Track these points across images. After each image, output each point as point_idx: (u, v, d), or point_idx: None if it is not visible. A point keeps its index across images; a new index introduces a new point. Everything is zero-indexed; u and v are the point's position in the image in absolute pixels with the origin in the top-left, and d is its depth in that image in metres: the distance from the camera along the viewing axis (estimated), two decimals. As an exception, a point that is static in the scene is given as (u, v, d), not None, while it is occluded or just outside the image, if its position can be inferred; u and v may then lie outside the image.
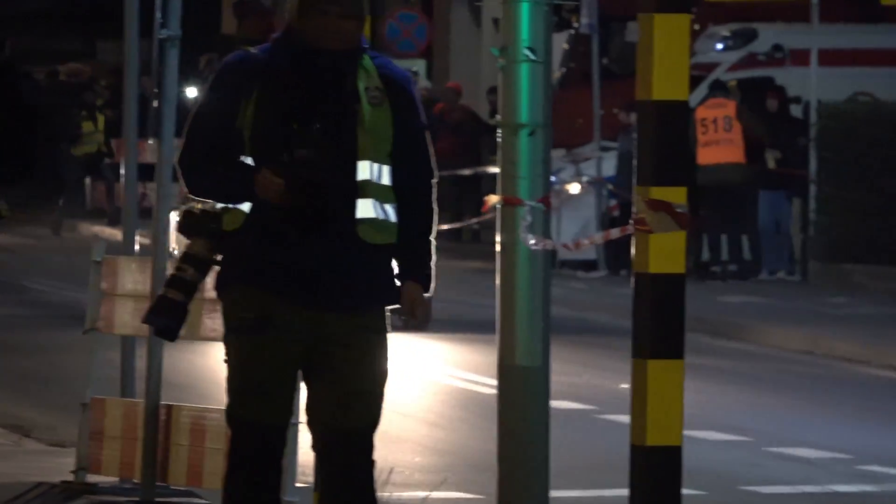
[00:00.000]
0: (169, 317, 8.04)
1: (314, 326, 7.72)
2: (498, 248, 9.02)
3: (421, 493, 12.15)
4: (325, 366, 7.76)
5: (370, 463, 7.80)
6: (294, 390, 7.96)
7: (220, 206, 8.11)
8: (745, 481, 13.61)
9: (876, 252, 32.03)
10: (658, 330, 8.14)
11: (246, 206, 7.98)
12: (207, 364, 19.32)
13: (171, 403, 11.69)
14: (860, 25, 35.49)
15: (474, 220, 37.97)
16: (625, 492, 8.28)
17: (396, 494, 11.62)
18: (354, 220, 7.87)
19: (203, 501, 11.78)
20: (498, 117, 9.38)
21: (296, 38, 7.91)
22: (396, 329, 8.99)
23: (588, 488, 13.19)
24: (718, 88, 31.90)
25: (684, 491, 8.42)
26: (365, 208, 7.87)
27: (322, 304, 7.76)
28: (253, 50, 8.14)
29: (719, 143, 32.11)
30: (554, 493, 9.48)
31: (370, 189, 7.88)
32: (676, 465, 8.14)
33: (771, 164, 31.65)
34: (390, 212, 7.92)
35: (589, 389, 17.98)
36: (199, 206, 8.00)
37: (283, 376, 7.74)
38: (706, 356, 21.84)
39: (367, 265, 7.79)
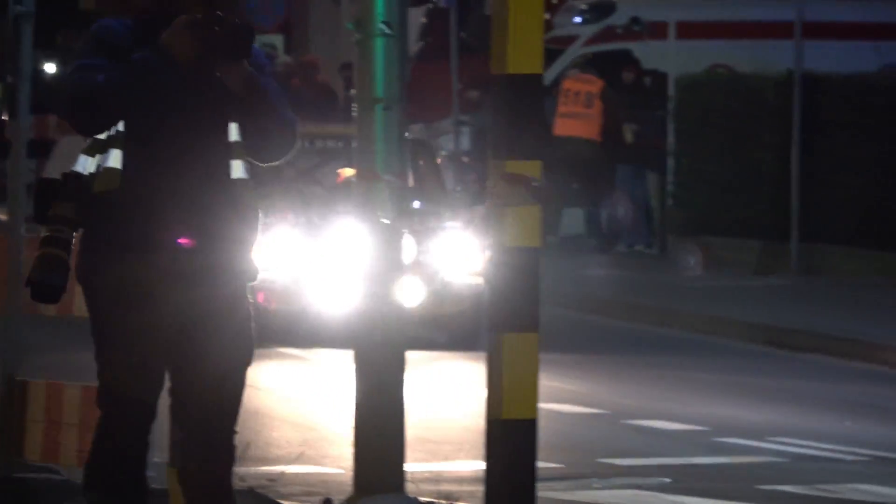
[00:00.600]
0: (59, 274, 7.74)
1: (189, 299, 7.58)
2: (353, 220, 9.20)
3: (277, 468, 12.08)
4: (197, 340, 7.69)
5: (232, 438, 7.80)
6: (166, 365, 7.85)
7: (90, 170, 7.73)
8: (602, 453, 13.70)
9: (734, 225, 31.83)
10: (513, 303, 8.19)
11: (119, 164, 7.67)
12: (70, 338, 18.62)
13: (26, 379, 11.49)
14: None
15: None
16: (482, 464, 8.48)
17: (253, 469, 11.54)
18: (232, 180, 7.81)
19: (61, 477, 11.52)
20: (353, 91, 9.52)
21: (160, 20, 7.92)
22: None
23: (444, 460, 13.12)
24: (591, 65, 32.33)
25: (541, 463, 8.65)
26: (237, 169, 7.74)
27: (197, 277, 7.61)
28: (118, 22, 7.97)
29: (577, 117, 32.42)
30: (409, 467, 9.68)
31: (238, 151, 7.79)
32: (532, 438, 8.22)
33: (628, 137, 32.08)
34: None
35: (449, 363, 18.03)
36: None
37: (161, 352, 7.64)
38: (565, 330, 21.79)
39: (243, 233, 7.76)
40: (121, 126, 7.46)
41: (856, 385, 21.11)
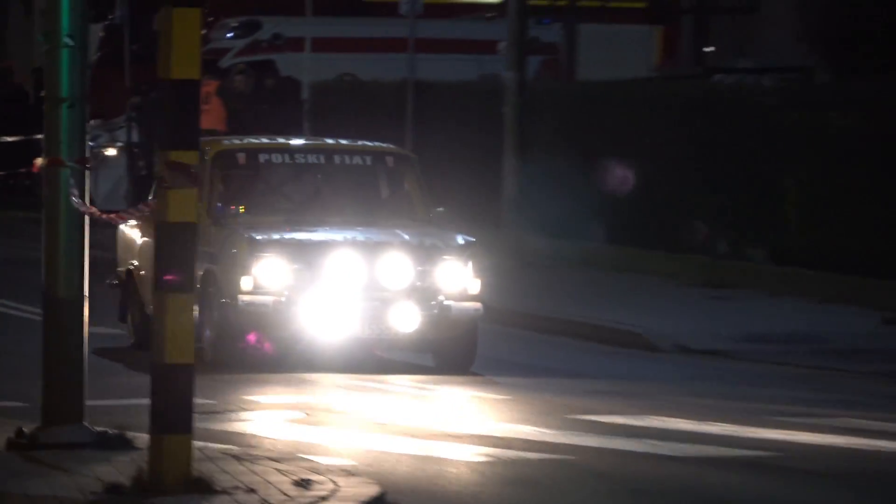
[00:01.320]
0: None
1: None
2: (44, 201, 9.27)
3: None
4: None
5: None
6: None
7: None
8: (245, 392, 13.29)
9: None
10: (172, 268, 8.27)
11: None
12: None
13: None
14: (347, 18, 37.05)
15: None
16: (148, 400, 8.40)
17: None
18: None
19: None
20: (43, 92, 9.57)
21: None
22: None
23: (120, 398, 12.69)
24: (243, 73, 33.00)
25: (197, 400, 8.65)
26: None
27: None
28: None
29: (204, 113, 31.75)
30: (90, 402, 9.59)
31: None
32: (188, 378, 8.36)
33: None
34: None
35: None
36: None
37: None
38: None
39: None
40: None
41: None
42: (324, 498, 8.38)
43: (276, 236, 14.33)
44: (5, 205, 38.62)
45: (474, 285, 14.41)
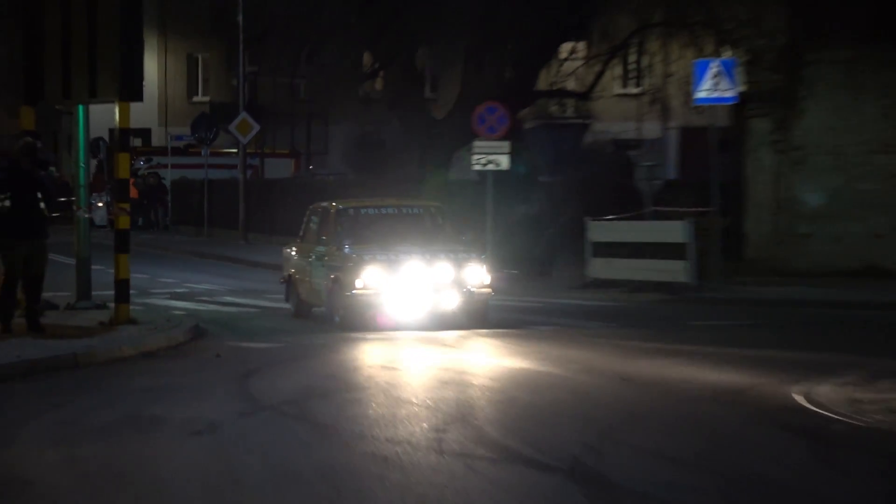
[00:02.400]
0: None
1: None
2: None
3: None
4: (31, 259, 15.17)
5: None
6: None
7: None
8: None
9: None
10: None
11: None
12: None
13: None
14: (182, 157, 46.56)
15: None
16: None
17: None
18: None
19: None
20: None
21: None
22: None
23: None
24: None
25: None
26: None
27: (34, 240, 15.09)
28: None
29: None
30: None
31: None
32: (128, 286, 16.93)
33: None
34: None
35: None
36: None
37: (21, 262, 15.17)
38: None
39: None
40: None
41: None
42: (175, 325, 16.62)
43: (372, 255, 18.11)
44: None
45: (487, 279, 18.47)
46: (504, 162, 26.82)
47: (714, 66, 25.69)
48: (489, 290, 18.58)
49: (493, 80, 31.48)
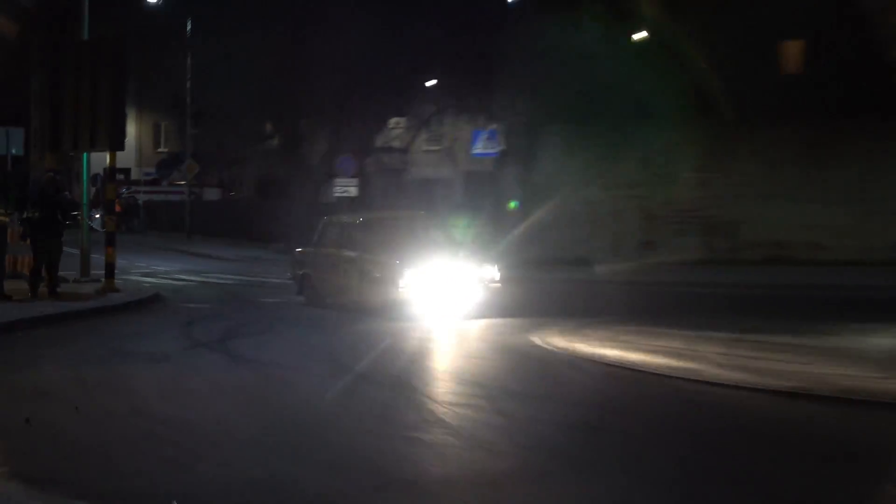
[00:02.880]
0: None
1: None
2: None
3: None
4: (52, 245, 13.99)
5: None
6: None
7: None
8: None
9: None
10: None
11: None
12: None
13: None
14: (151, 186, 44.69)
15: None
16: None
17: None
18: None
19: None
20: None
21: None
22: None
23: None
24: None
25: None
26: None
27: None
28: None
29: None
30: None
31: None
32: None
33: None
34: None
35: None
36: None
37: (44, 251, 14.00)
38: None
39: None
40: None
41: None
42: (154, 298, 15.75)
43: (412, 260, 14.02)
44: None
45: (497, 275, 14.39)
46: (353, 191, 26.73)
47: (485, 133, 26.17)
48: (499, 284, 14.74)
49: (347, 141, 31.10)
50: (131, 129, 48.56)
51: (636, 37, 24.93)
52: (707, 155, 24.53)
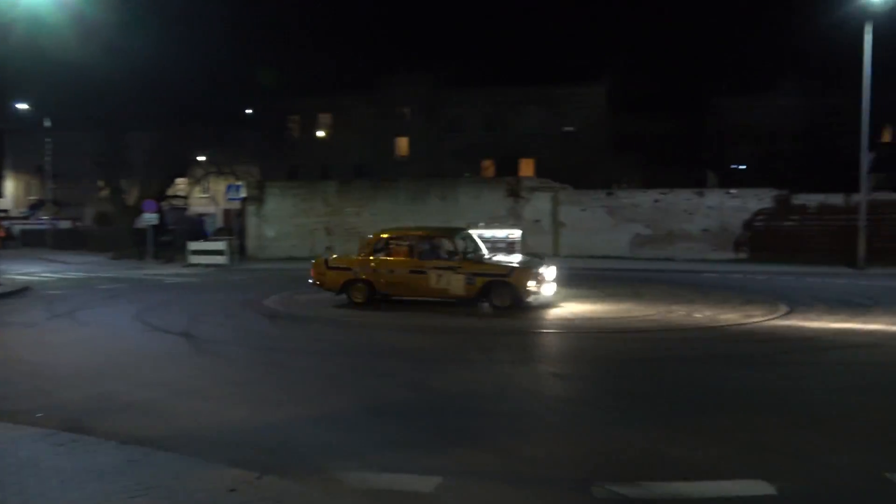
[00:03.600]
0: None
1: None
2: None
3: None
4: None
5: None
6: None
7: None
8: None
9: None
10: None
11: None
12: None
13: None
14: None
15: None
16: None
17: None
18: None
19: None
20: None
21: None
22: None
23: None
24: None
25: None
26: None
27: None
28: None
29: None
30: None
31: None
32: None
33: None
34: None
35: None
36: None
37: None
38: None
39: None
40: None
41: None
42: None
43: (513, 261, 13.81)
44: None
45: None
46: (154, 220, 30.89)
47: (234, 185, 30.68)
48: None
49: (149, 190, 36.23)
50: (10, 184, 57.72)
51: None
52: (361, 198, 32.49)
